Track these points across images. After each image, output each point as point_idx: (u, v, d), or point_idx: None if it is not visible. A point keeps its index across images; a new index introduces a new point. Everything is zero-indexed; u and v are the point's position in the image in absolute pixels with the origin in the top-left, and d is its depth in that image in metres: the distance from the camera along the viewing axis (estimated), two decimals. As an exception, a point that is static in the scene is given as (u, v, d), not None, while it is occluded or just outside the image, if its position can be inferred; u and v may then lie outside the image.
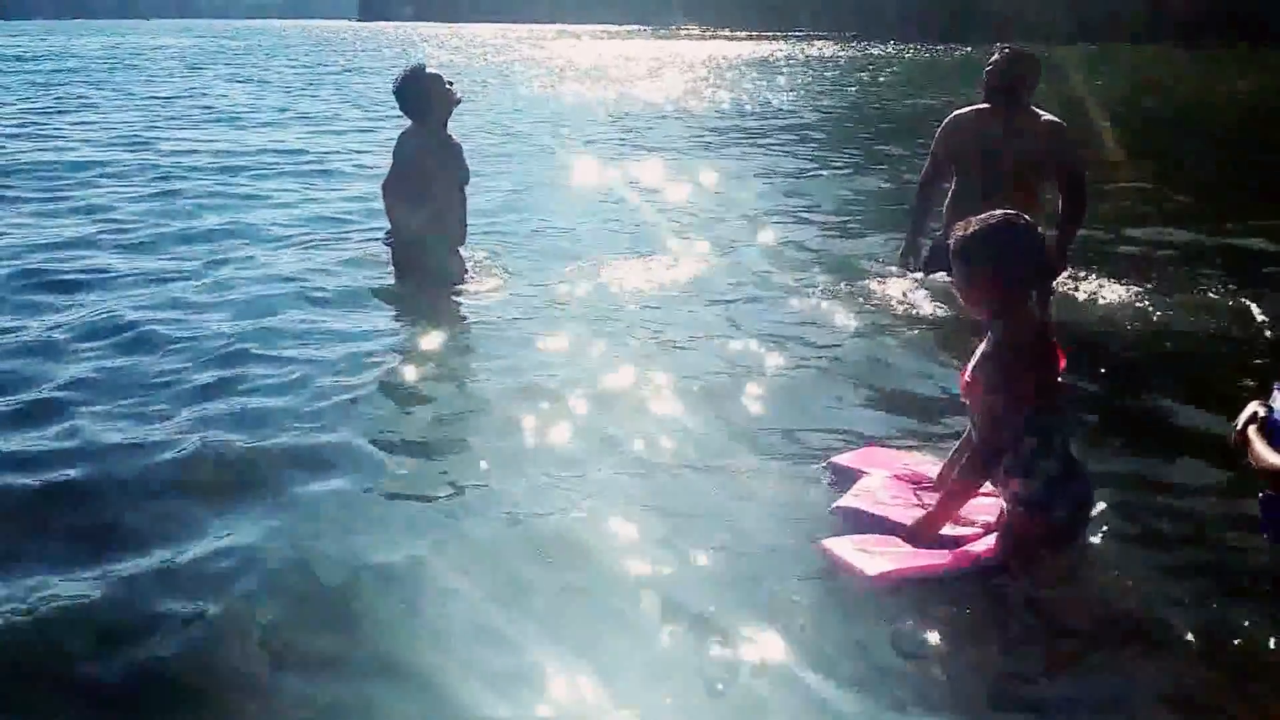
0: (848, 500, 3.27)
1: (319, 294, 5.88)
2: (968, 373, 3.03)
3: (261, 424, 3.94)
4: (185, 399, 4.21)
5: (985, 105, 5.60)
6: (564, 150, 12.46)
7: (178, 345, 4.85)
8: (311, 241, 7.25)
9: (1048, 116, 5.50)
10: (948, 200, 5.80)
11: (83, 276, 6.11)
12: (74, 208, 8.27)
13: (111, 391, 4.27)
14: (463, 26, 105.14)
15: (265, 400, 4.21)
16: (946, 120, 5.80)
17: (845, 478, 3.46)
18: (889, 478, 3.40)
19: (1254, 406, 2.80)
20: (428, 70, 5.88)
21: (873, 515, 3.17)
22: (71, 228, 7.49)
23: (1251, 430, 2.75)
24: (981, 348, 3.03)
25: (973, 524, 3.11)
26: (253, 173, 10.41)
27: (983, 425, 2.98)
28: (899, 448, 3.73)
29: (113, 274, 6.21)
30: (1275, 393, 2.79)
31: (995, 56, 5.57)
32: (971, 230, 2.96)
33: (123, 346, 4.85)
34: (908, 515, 3.13)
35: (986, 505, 3.12)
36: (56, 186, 9.15)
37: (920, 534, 3.03)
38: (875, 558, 2.91)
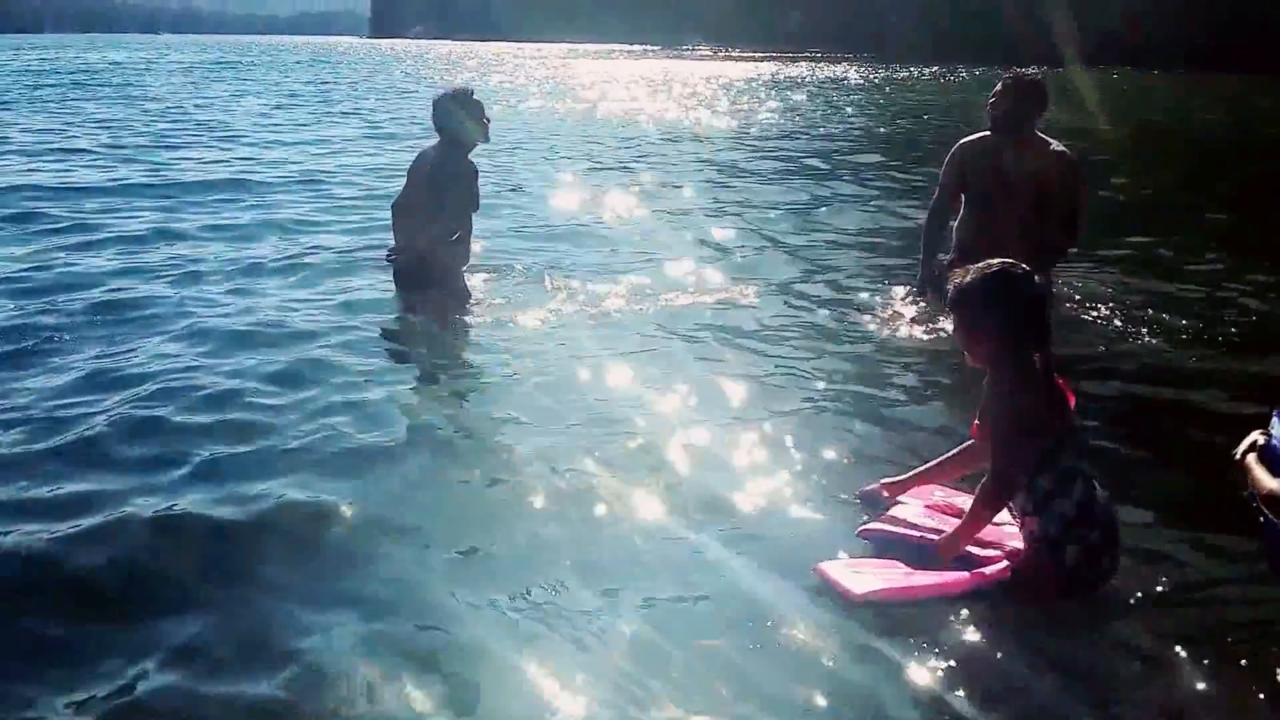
0: (875, 524, 3.28)
1: (319, 313, 5.85)
2: (976, 418, 3.06)
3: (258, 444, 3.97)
4: (184, 433, 4.09)
5: (991, 133, 5.58)
6: (570, 171, 12.47)
7: (176, 377, 4.71)
8: (314, 261, 7.21)
9: (1056, 146, 5.53)
10: (956, 228, 5.80)
11: (79, 301, 5.98)
12: (69, 227, 8.17)
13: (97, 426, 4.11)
14: (474, 44, 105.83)
15: (262, 419, 4.22)
16: (954, 149, 5.79)
17: (877, 506, 3.45)
18: (923, 507, 3.40)
19: (1254, 436, 2.79)
20: (472, 96, 5.92)
21: (900, 535, 3.18)
22: (67, 250, 7.37)
23: (1250, 458, 2.74)
24: (985, 394, 3.04)
25: (1001, 547, 3.08)
26: (252, 190, 10.31)
27: (994, 460, 2.98)
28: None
29: (113, 298, 6.08)
30: (1275, 420, 2.78)
31: (1000, 85, 5.56)
32: (969, 280, 2.98)
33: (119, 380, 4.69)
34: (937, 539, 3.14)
35: (1012, 533, 3.10)
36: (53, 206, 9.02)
37: (942, 555, 3.03)
38: (865, 577, 2.92)
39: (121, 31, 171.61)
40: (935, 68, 54.90)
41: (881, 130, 19.96)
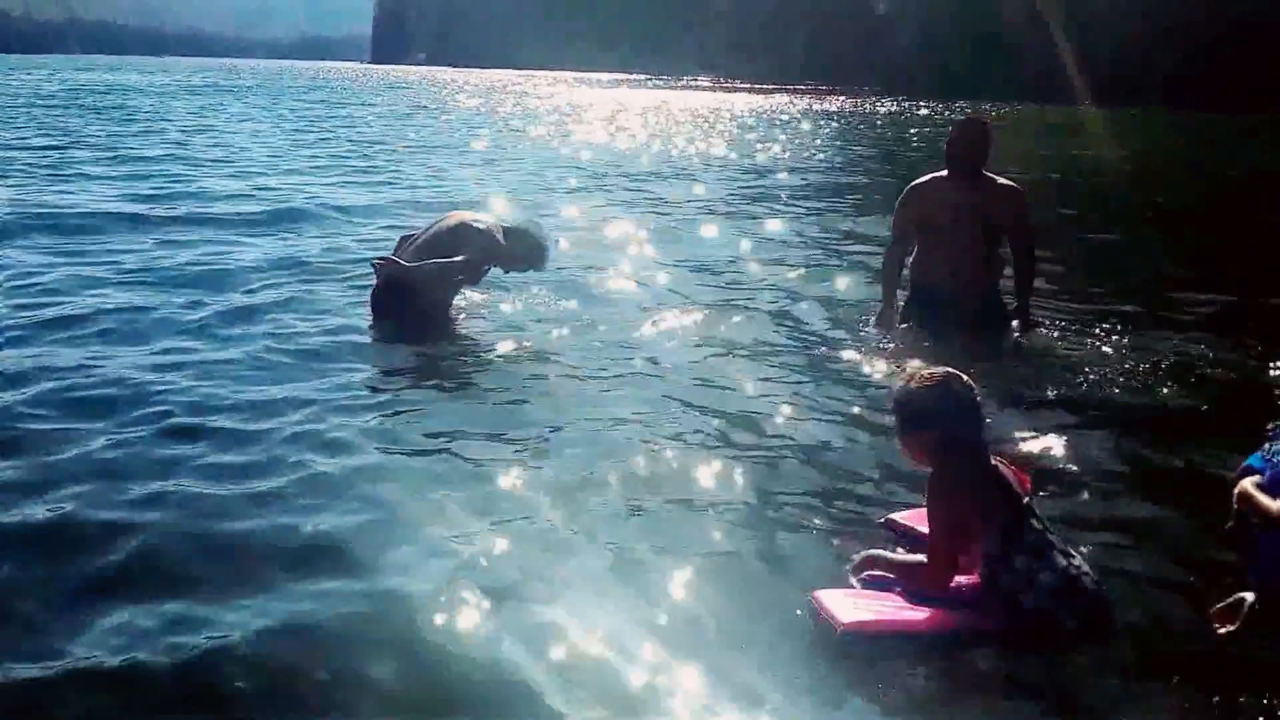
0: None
1: (302, 339, 5.86)
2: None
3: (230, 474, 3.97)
4: (154, 457, 4.09)
5: (944, 173, 5.77)
6: (565, 198, 12.56)
7: (149, 399, 4.70)
8: (298, 286, 7.21)
9: (1004, 181, 5.78)
10: (911, 267, 5.99)
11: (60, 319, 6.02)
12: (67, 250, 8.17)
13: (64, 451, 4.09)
14: (473, 72, 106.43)
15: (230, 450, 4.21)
16: (906, 191, 5.97)
17: (904, 535, 3.49)
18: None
19: (1249, 467, 2.86)
20: (530, 228, 6.32)
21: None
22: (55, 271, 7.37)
23: (1247, 482, 2.79)
24: (928, 487, 3.13)
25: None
26: (240, 217, 10.15)
27: (930, 548, 3.08)
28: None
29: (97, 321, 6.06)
30: (1267, 444, 2.84)
31: (959, 130, 5.79)
32: (908, 387, 3.14)
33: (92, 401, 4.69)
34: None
35: None
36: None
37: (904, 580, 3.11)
38: (854, 609, 2.95)
39: (126, 54, 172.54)
40: (942, 102, 55.14)
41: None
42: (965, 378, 3.13)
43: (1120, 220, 12.83)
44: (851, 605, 2.97)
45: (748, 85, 73.52)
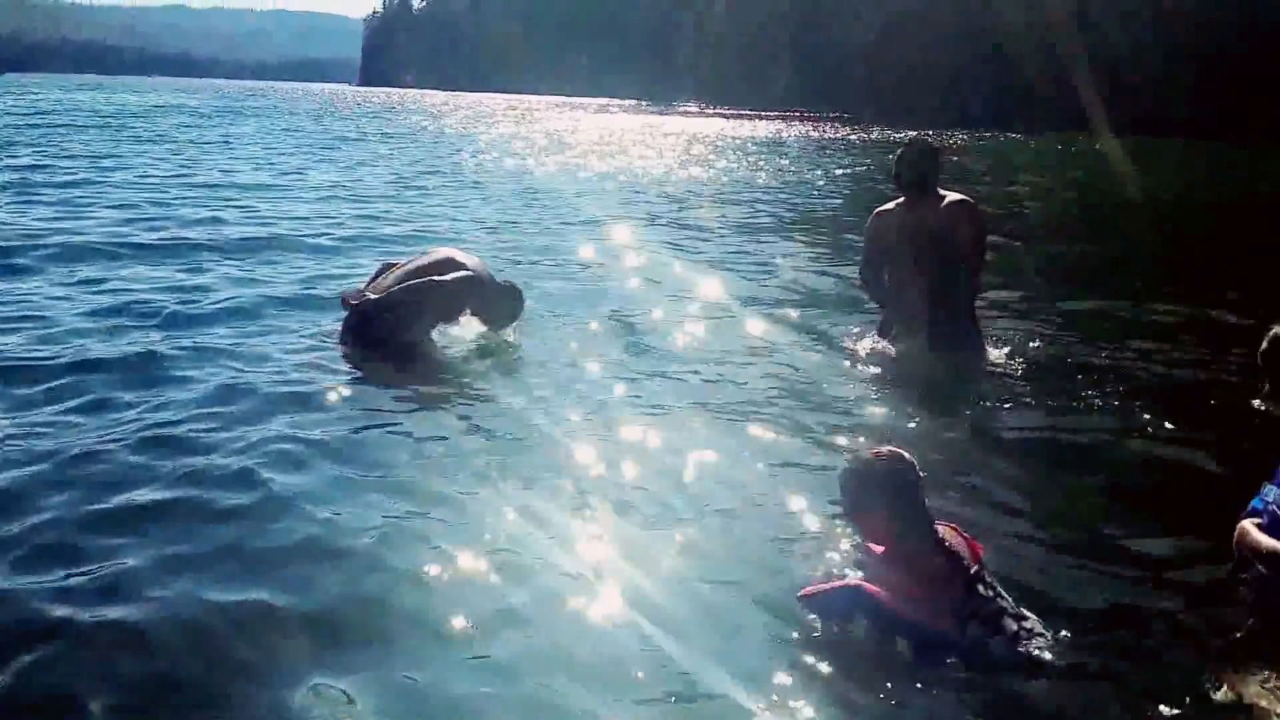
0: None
1: (288, 367, 5.83)
2: None
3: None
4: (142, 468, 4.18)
5: (902, 199, 6.05)
6: (551, 223, 12.71)
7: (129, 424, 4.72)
8: (280, 316, 7.10)
9: (955, 196, 5.99)
10: (889, 283, 6.24)
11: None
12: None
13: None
14: (461, 95, 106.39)
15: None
16: (871, 218, 6.25)
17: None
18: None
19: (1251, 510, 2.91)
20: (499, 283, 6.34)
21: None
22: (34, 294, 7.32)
23: (1246, 523, 2.83)
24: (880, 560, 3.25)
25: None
26: (223, 241, 10.02)
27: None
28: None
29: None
30: (1268, 487, 2.89)
31: (902, 152, 5.99)
32: (854, 470, 3.23)
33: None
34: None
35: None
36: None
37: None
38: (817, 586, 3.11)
39: (113, 74, 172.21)
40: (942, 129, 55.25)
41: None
42: (907, 456, 3.19)
43: (1100, 238, 13.06)
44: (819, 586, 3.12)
45: (741, 112, 73.62)
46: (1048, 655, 2.95)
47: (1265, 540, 2.77)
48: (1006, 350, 6.31)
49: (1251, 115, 49.42)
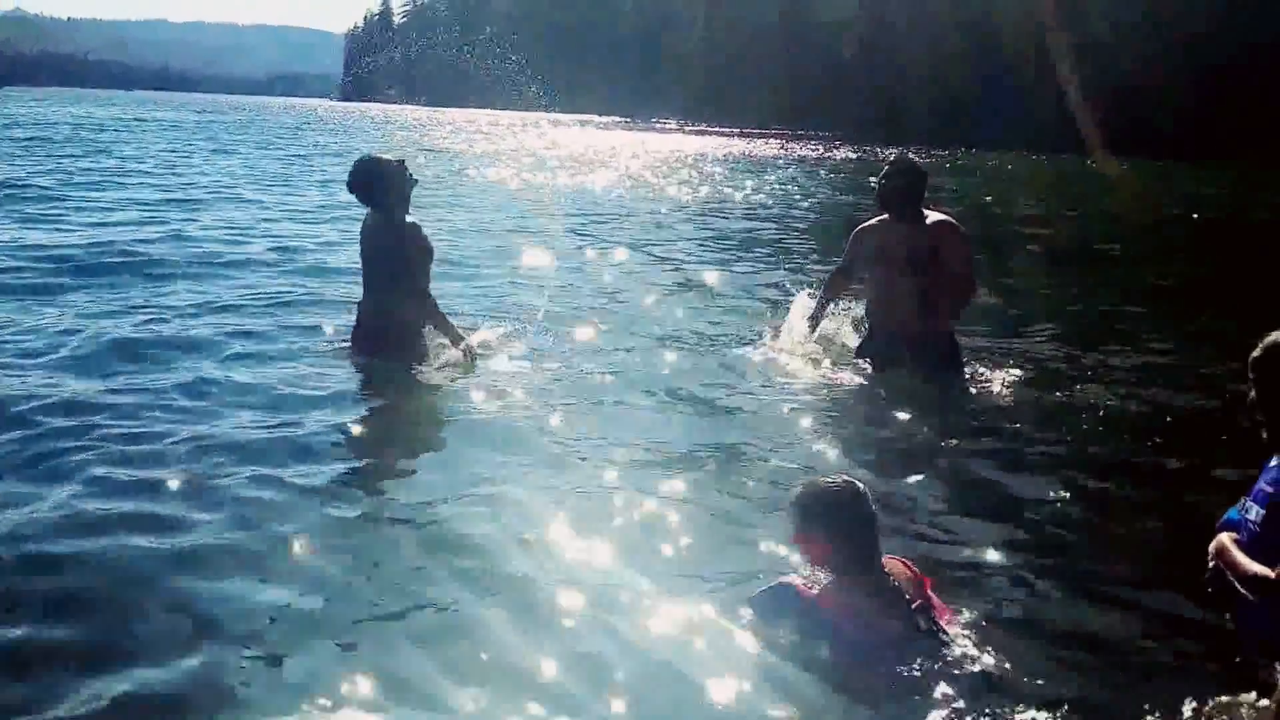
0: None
1: (285, 375, 5.94)
2: None
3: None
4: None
5: (886, 215, 6.05)
6: (531, 237, 12.74)
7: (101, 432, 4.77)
8: (269, 324, 7.26)
9: (938, 215, 6.00)
10: (866, 307, 6.29)
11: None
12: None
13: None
14: (442, 111, 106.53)
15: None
16: (855, 232, 6.28)
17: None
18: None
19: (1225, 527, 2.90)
20: (379, 158, 6.05)
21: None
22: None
23: (1225, 537, 2.80)
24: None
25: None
26: (212, 255, 10.15)
27: None
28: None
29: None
30: (1244, 500, 2.87)
31: (887, 169, 6.01)
32: (810, 493, 3.17)
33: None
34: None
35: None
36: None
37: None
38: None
39: (93, 87, 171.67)
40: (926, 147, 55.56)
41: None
42: (861, 488, 3.14)
43: (1091, 257, 13.22)
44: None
45: (716, 129, 74.01)
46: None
47: (1246, 562, 2.71)
48: (987, 369, 6.33)
49: (1256, 137, 49.24)
